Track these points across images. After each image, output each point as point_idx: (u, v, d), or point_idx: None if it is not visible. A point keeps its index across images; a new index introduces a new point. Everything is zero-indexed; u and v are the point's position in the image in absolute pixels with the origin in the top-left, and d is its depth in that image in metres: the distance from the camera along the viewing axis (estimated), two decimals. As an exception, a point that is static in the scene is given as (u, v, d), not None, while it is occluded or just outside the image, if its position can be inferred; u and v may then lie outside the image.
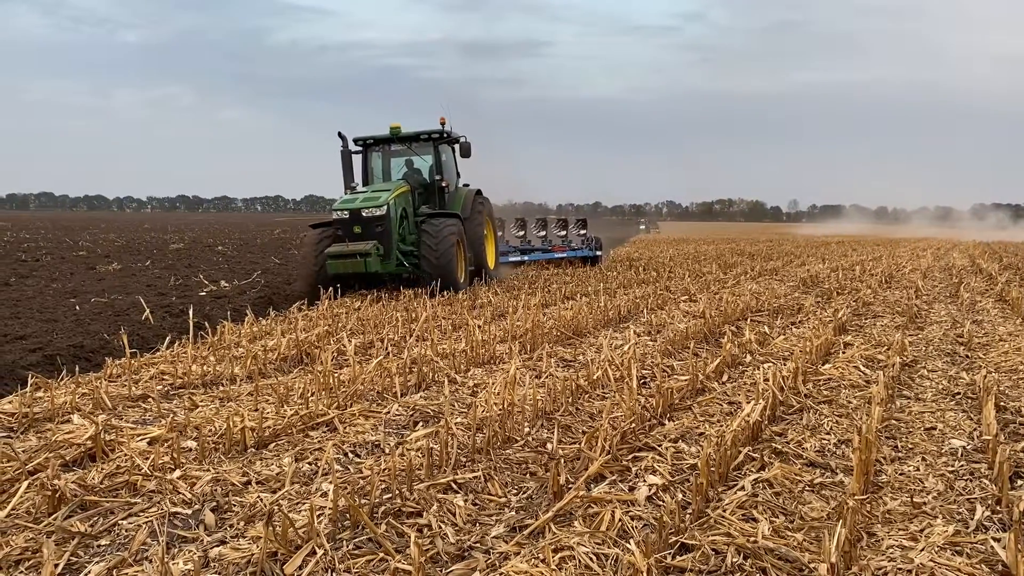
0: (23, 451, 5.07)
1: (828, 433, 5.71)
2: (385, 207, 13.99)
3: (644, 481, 4.60)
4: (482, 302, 13.10)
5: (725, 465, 4.73)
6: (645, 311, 12.11)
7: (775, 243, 43.46)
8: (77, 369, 7.53)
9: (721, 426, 5.69)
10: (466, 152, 15.93)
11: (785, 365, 7.52)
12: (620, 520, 4.00)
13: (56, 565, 3.45)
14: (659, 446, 5.26)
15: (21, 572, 3.51)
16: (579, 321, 10.29)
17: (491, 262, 17.29)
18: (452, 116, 16.61)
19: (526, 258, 21.29)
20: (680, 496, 4.27)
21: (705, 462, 4.39)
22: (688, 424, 5.82)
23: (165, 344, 8.75)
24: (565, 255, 22.08)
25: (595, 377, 7.04)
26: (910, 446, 5.49)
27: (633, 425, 5.50)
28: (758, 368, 7.66)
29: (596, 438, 5.11)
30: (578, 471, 4.78)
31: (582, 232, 23.77)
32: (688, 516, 4.08)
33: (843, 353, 8.56)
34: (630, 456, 5.08)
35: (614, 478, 4.70)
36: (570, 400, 6.45)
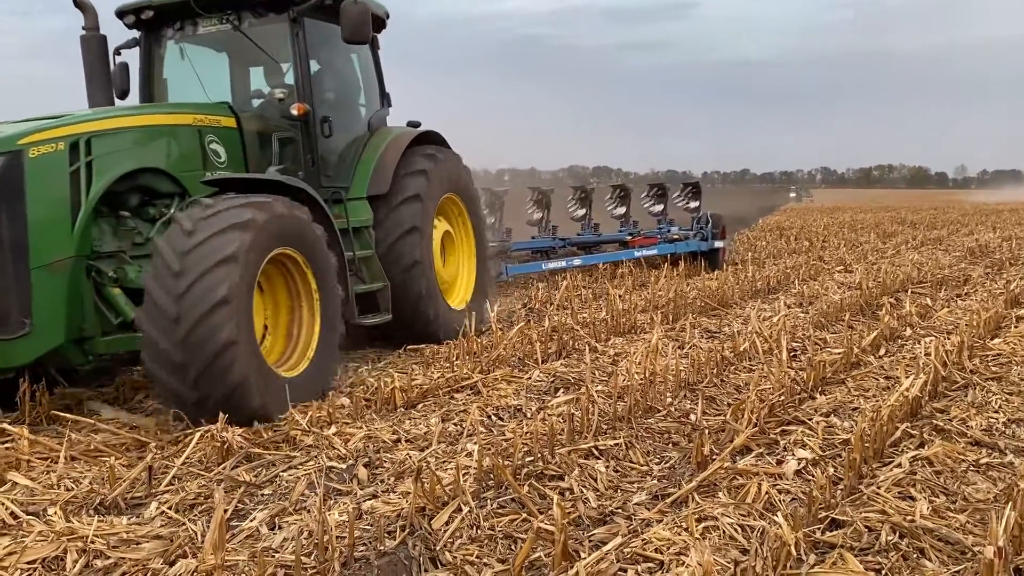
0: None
1: (996, 411, 5.32)
2: None
3: (793, 455, 4.45)
4: (622, 271, 12.97)
5: (880, 441, 4.50)
6: (796, 282, 11.65)
7: (940, 211, 40.63)
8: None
9: (877, 401, 5.42)
10: (357, 32, 6.54)
11: (949, 339, 7.06)
12: (767, 493, 3.90)
13: (225, 510, 3.71)
14: (809, 420, 5.07)
15: (195, 515, 3.80)
16: (724, 291, 10.03)
17: (460, 296, 8.07)
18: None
19: (577, 262, 11.89)
20: (831, 471, 4.11)
21: (859, 437, 4.20)
22: (841, 398, 5.58)
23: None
24: (655, 251, 12.91)
25: (742, 349, 6.86)
26: (1093, 429, 5.05)
27: (782, 398, 5.32)
28: (919, 342, 7.23)
29: (742, 410, 4.99)
30: (723, 443, 4.69)
31: (692, 206, 14.75)
32: (839, 492, 3.92)
33: (1016, 327, 7.94)
34: (778, 429, 4.93)
35: (761, 451, 4.58)
36: (715, 371, 6.32)
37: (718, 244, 13.38)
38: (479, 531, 3.63)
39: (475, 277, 8.24)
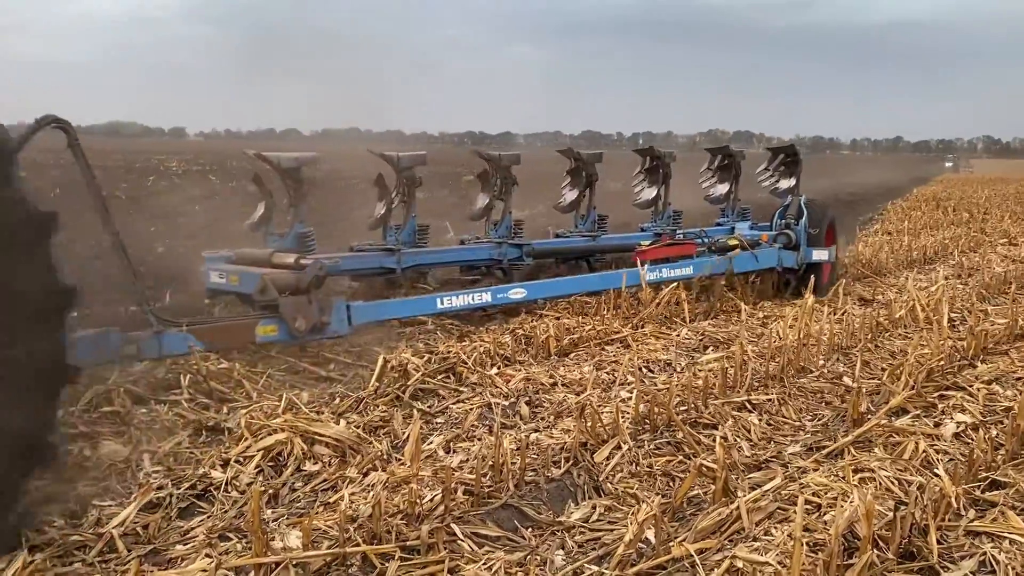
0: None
1: None
2: None
3: (951, 418, 4.45)
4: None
5: (1047, 411, 4.42)
6: (955, 253, 11.21)
7: (1121, 186, 37.35)
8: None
9: (1044, 372, 5.29)
10: None
11: None
12: (924, 452, 3.95)
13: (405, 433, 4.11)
14: (969, 386, 5.02)
15: (379, 436, 4.21)
16: (879, 260, 9.80)
17: None
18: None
19: (519, 293, 6.49)
20: (993, 434, 4.09)
21: (1024, 404, 4.16)
22: (1004, 368, 5.47)
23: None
24: (689, 270, 7.40)
25: (897, 316, 6.76)
26: None
27: (941, 363, 5.27)
28: (1092, 318, 6.90)
29: (899, 373, 4.99)
30: (878, 404, 4.72)
31: (782, 186, 8.65)
32: (1000, 456, 3.92)
33: None
34: (936, 394, 4.91)
35: (917, 412, 4.59)
36: (868, 337, 6.28)
37: (818, 256, 7.86)
38: (638, 467, 3.87)
39: None
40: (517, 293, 6.52)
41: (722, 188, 9.30)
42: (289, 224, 6.26)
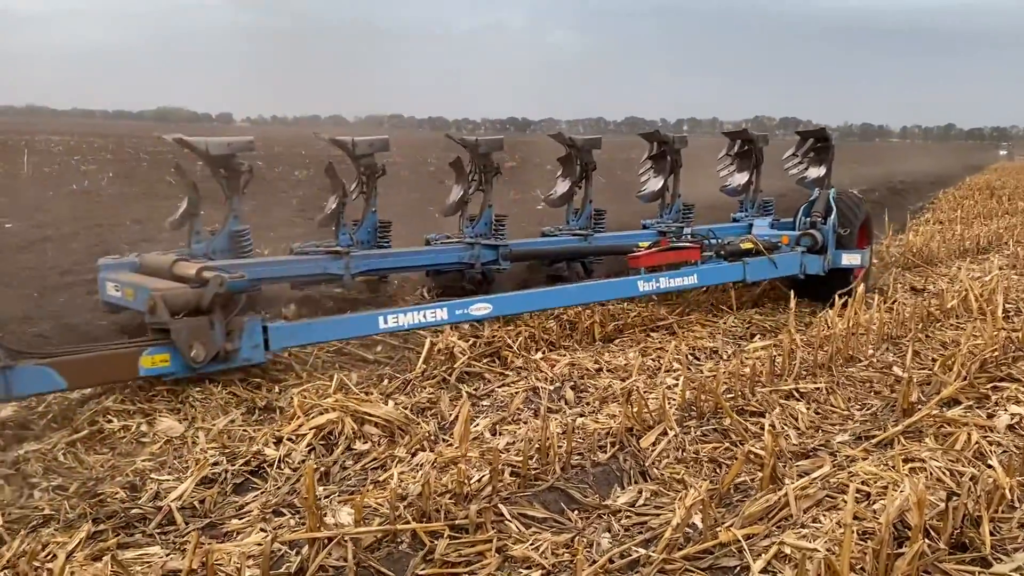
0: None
1: None
2: None
3: (1005, 410, 4.38)
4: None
5: (1107, 404, 4.33)
6: (1010, 243, 10.95)
7: None
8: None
9: (1103, 365, 5.15)
10: None
11: None
12: (976, 443, 3.89)
13: (453, 416, 4.16)
14: (1024, 378, 4.93)
15: (426, 417, 4.26)
16: (930, 249, 9.62)
17: None
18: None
19: (481, 310, 5.34)
20: (1050, 427, 4.02)
21: (1083, 396, 4.07)
22: (1061, 360, 5.35)
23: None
24: (694, 279, 6.32)
25: (949, 306, 6.64)
26: None
27: (995, 354, 5.18)
28: None
29: (951, 363, 4.91)
30: (929, 394, 4.66)
31: (812, 176, 7.96)
32: (1057, 449, 3.85)
33: None
34: (989, 385, 4.82)
35: (969, 403, 4.52)
36: (920, 327, 6.18)
37: (848, 260, 6.95)
38: (684, 453, 3.87)
39: None
40: (480, 309, 5.39)
41: (741, 178, 8.23)
42: (223, 221, 5.43)
